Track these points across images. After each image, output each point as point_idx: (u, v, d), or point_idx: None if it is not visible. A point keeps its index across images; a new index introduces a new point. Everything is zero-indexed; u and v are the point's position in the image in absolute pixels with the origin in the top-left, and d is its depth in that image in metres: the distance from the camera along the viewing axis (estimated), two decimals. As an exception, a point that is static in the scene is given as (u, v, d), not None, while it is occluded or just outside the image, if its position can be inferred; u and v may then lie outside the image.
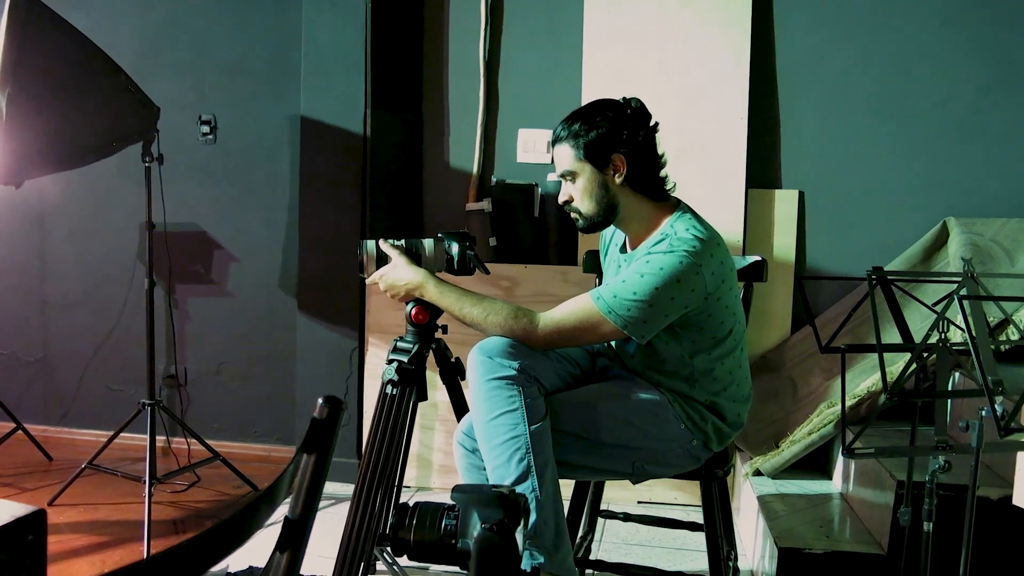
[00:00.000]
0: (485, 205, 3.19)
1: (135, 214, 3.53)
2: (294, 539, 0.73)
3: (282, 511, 0.85)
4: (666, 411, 1.93)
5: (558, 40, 3.29)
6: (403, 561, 2.42)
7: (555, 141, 1.93)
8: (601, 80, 3.16)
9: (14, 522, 0.76)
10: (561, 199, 1.98)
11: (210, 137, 3.47)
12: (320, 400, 0.80)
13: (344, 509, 3.00)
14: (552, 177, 3.21)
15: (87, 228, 3.63)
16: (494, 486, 1.03)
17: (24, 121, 2.39)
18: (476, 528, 1.00)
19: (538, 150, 3.32)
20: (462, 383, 2.18)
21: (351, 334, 3.21)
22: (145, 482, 2.76)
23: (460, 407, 2.17)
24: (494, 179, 3.28)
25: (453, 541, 1.03)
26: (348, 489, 3.19)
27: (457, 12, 3.36)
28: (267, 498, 0.72)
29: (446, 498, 1.07)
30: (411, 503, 1.07)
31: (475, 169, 3.35)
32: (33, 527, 0.85)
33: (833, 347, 1.80)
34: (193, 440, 3.25)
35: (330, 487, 3.21)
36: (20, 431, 3.43)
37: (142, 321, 3.51)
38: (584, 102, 3.08)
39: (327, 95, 3.19)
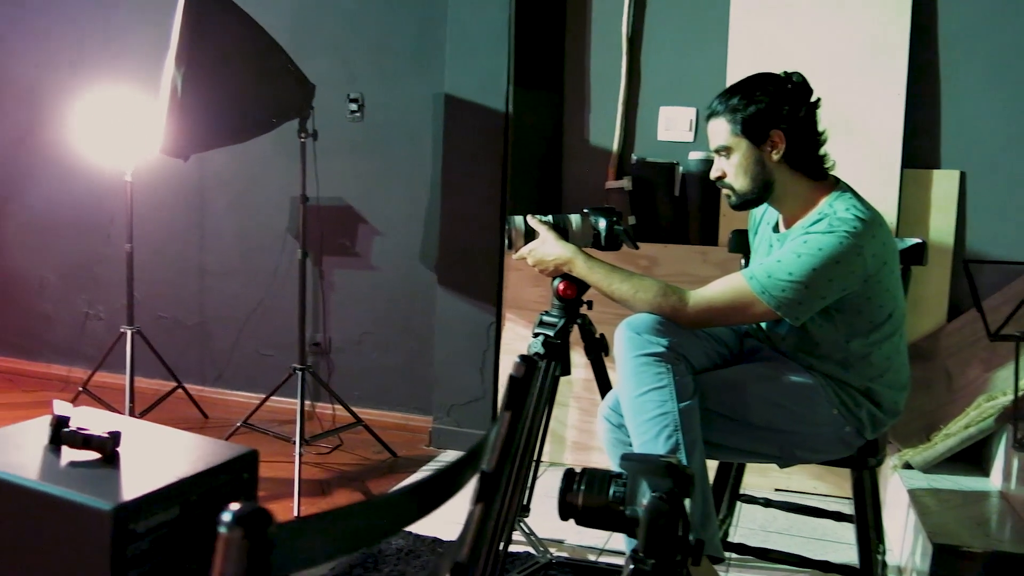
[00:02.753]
0: (625, 183, 3.17)
1: (286, 188, 3.71)
2: (489, 491, 0.76)
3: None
4: (818, 395, 1.88)
5: (703, 14, 3.22)
6: (542, 532, 2.46)
7: (710, 115, 1.90)
8: (747, 54, 3.07)
9: (233, 460, 0.83)
10: (714, 175, 1.94)
11: (357, 114, 3.59)
12: (517, 359, 0.83)
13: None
14: (693, 155, 3.16)
15: (243, 201, 3.83)
16: (660, 456, 1.03)
17: (196, 98, 2.55)
18: (645, 496, 1.01)
19: (679, 128, 3.27)
20: (606, 359, 2.19)
21: (489, 309, 3.26)
22: (295, 442, 2.91)
23: (603, 383, 2.18)
24: (634, 157, 3.26)
25: (621, 508, 1.04)
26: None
27: (601, -12, 3.34)
28: (471, 458, 0.74)
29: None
30: (578, 469, 1.09)
31: (615, 147, 3.33)
32: (248, 465, 0.93)
33: (1005, 335, 1.70)
34: (337, 406, 3.39)
35: (465, 457, 3.29)
36: (180, 390, 3.68)
37: (291, 290, 3.70)
38: (729, 78, 3.02)
39: (470, 72, 3.24)
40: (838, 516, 2.33)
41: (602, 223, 2.08)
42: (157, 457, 1.08)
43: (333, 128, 3.56)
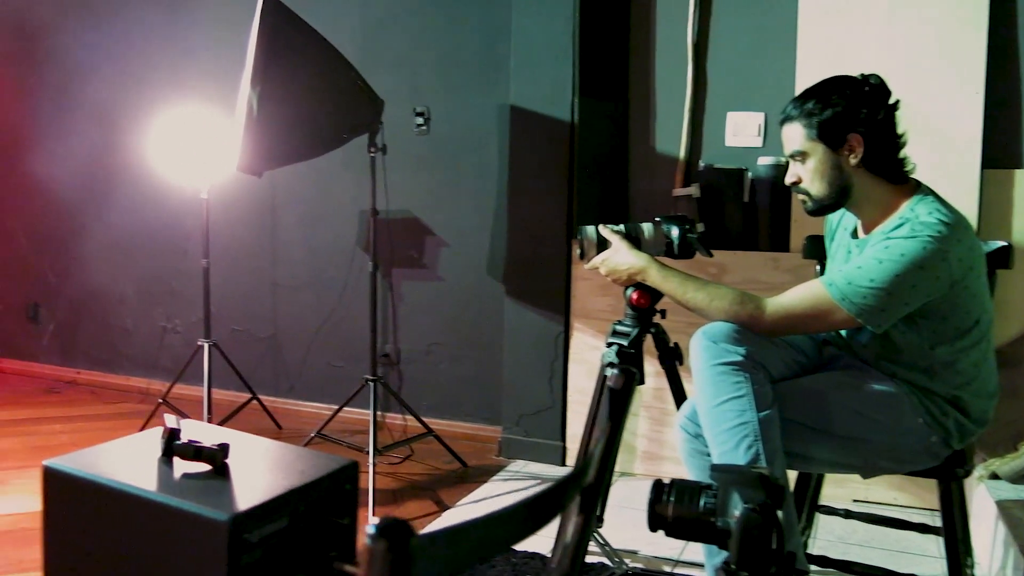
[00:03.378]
0: (693, 190, 3.14)
1: (355, 202, 3.78)
2: (589, 503, 0.76)
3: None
4: (902, 404, 1.83)
5: (770, 17, 3.18)
6: (616, 543, 2.45)
7: (785, 120, 1.88)
8: (817, 57, 3.02)
9: (336, 471, 0.86)
10: (788, 180, 1.92)
11: (424, 128, 3.64)
12: (615, 371, 0.83)
13: (550, 489, 3.08)
14: (763, 160, 3.12)
15: (313, 215, 3.91)
16: (752, 468, 1.02)
17: (271, 116, 2.61)
18: (737, 508, 1.00)
19: (747, 133, 3.23)
20: (680, 368, 2.17)
21: (557, 319, 3.26)
22: (369, 452, 2.95)
23: (678, 393, 2.17)
24: (702, 164, 3.23)
25: (712, 519, 1.03)
26: (550, 470, 3.27)
27: (665, -5, 3.33)
28: (577, 477, 0.75)
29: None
30: (666, 480, 1.08)
31: (682, 154, 3.31)
32: (350, 477, 0.95)
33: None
34: (408, 416, 3.43)
35: (535, 467, 3.29)
36: (255, 401, 3.77)
37: (360, 302, 3.76)
38: (798, 81, 2.97)
39: (535, 84, 3.26)
40: (923, 528, 2.27)
41: (675, 231, 2.07)
42: (263, 468, 1.12)
43: (400, 141, 3.61)
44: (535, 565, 2.36)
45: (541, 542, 2.35)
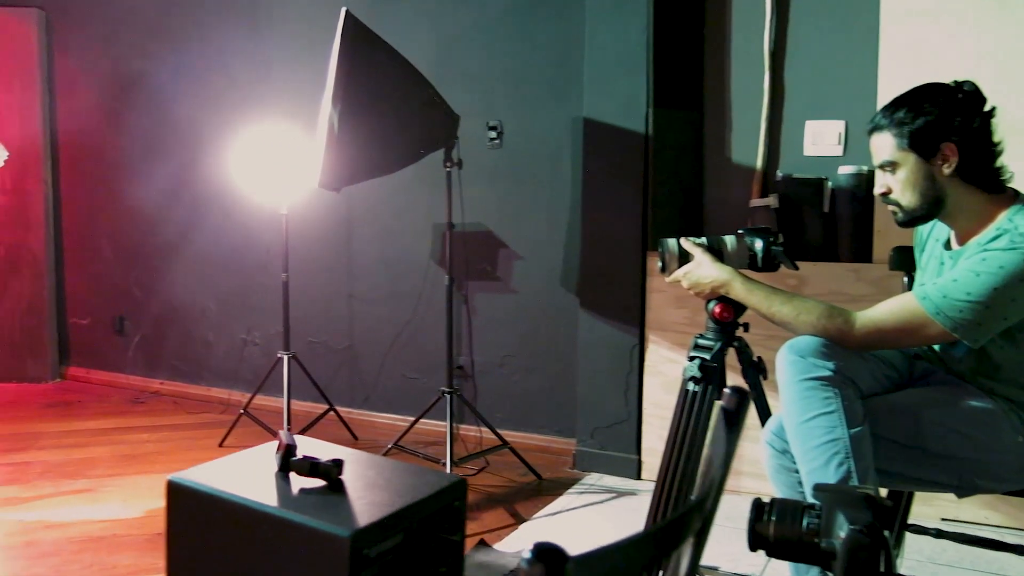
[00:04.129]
0: (771, 201, 3.09)
1: (428, 216, 3.82)
2: (704, 525, 0.76)
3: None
4: (1000, 421, 1.77)
5: (850, 23, 3.12)
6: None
7: (873, 129, 1.83)
8: (901, 62, 2.94)
9: (447, 488, 0.87)
10: (878, 191, 1.87)
11: (496, 142, 3.67)
12: (728, 390, 0.82)
13: (624, 503, 3.06)
14: (843, 170, 3.05)
15: (387, 229, 3.97)
16: (856, 487, 1.00)
17: (351, 133, 2.67)
18: (843, 529, 0.97)
19: (827, 142, 3.17)
20: (764, 383, 2.14)
21: (632, 331, 3.24)
22: (446, 464, 2.97)
23: (762, 408, 2.13)
24: (779, 174, 3.18)
25: (816, 540, 1.01)
26: (625, 483, 3.24)
27: (741, 3, 3.29)
28: (699, 506, 0.74)
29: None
30: (766, 499, 1.06)
31: (759, 164, 3.26)
32: (459, 494, 0.96)
33: None
34: (483, 428, 3.45)
35: (610, 481, 3.27)
36: (332, 412, 3.83)
37: (434, 315, 3.80)
38: (881, 88, 2.90)
39: (609, 96, 3.25)
40: (1019, 549, 2.18)
41: (758, 243, 2.04)
42: (377, 485, 1.14)
43: (473, 156, 3.64)
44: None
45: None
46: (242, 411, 3.74)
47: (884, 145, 1.81)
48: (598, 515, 2.96)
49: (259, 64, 4.22)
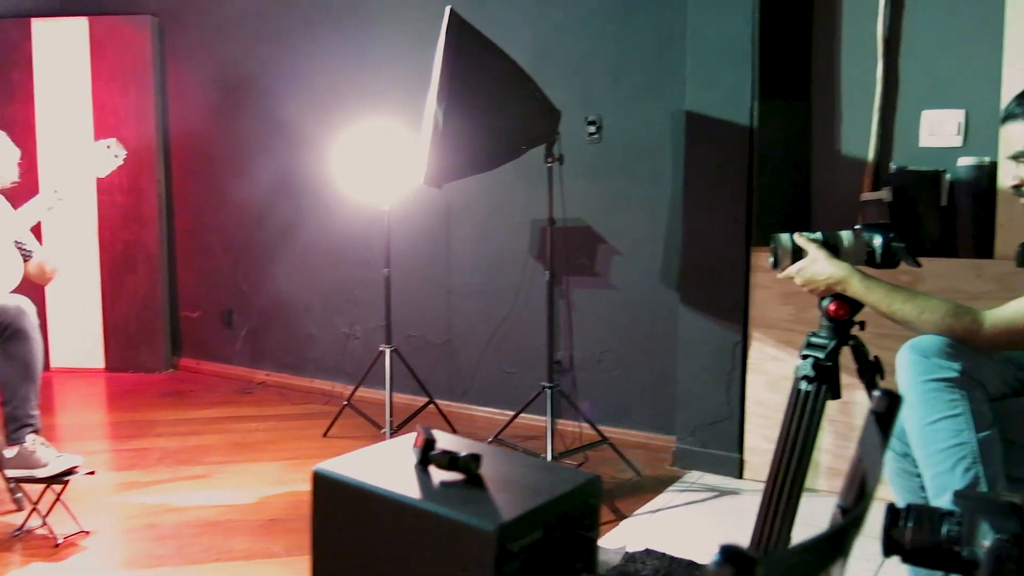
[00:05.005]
0: (884, 194, 2.98)
1: (526, 211, 3.84)
2: (852, 526, 0.73)
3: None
4: None
5: (972, 7, 2.97)
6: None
7: (1007, 118, 1.75)
8: (1027, 48, 2.79)
9: (583, 485, 0.87)
10: (1010, 182, 1.78)
11: (596, 136, 3.65)
12: (877, 393, 0.80)
13: (726, 503, 3.00)
14: (963, 161, 2.92)
15: (486, 225, 4.00)
16: (999, 494, 0.95)
17: (455, 130, 2.70)
18: (987, 537, 0.93)
19: (946, 133, 3.03)
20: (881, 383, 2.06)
21: (734, 328, 3.18)
22: (545, 459, 2.98)
23: (879, 408, 2.05)
24: (893, 166, 3.06)
25: (956, 548, 0.97)
26: (727, 482, 3.18)
27: (851, -10, 3.18)
28: (860, 517, 0.72)
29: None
30: (901, 504, 1.03)
31: (871, 156, 3.14)
32: (594, 491, 0.97)
33: None
34: (582, 423, 3.44)
35: (711, 479, 3.22)
36: (431, 405, 3.89)
37: (532, 310, 3.81)
38: (1006, 75, 2.76)
39: (712, 87, 3.19)
40: None
41: (877, 239, 1.97)
42: (515, 480, 1.15)
43: (571, 150, 3.63)
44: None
45: None
46: (345, 403, 3.84)
47: (1019, 135, 1.72)
48: (699, 514, 2.91)
49: (363, 63, 4.31)
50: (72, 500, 2.81)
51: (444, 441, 1.28)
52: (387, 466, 1.24)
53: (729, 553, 0.47)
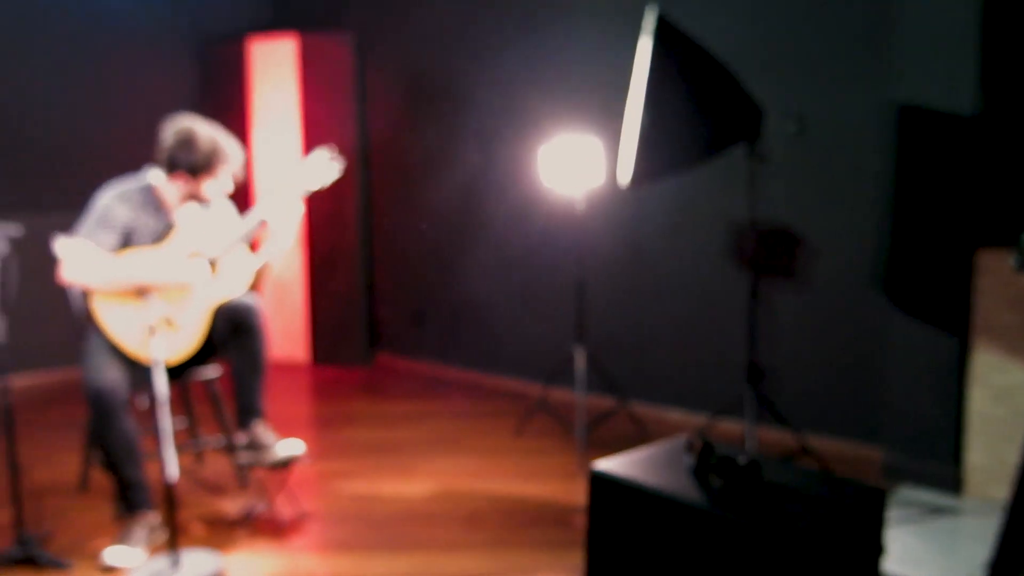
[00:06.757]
0: None
1: (720, 211, 3.75)
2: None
3: None
4: None
5: None
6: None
7: None
8: None
9: (866, 497, 0.85)
10: None
11: (797, 132, 3.51)
12: None
13: (943, 522, 2.80)
14: None
15: (677, 225, 3.94)
16: None
17: (659, 131, 2.68)
18: None
19: None
20: None
21: (953, 334, 2.97)
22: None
23: None
24: None
25: None
26: (943, 499, 2.96)
27: (1093, -36, 2.89)
28: None
29: None
30: None
31: (1117, 146, 2.84)
32: (880, 505, 0.94)
33: None
34: (783, 429, 3.32)
35: (924, 494, 3.02)
36: (622, 406, 3.88)
37: (726, 311, 3.72)
38: None
39: (929, 77, 2.99)
40: None
41: None
42: (788, 490, 1.14)
43: (772, 148, 3.52)
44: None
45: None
46: (537, 402, 3.90)
47: None
48: (912, 532, 2.73)
49: (555, 66, 4.35)
50: (293, 484, 3.03)
51: (719, 448, 1.27)
52: (663, 470, 1.24)
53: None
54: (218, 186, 2.86)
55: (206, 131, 2.82)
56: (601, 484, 1.17)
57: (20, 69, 4.74)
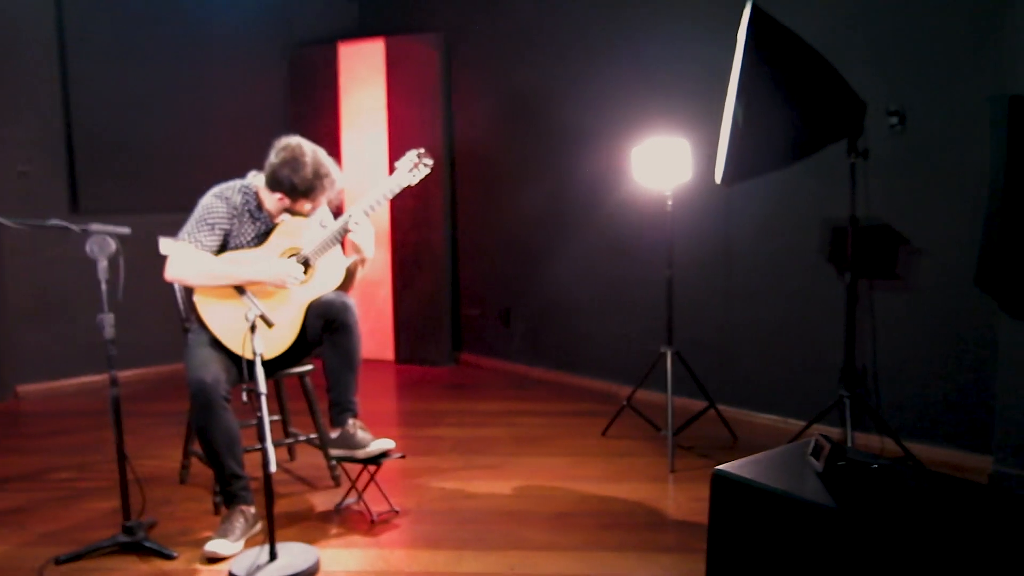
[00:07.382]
0: None
1: (814, 208, 3.64)
2: None
3: None
4: None
5: None
6: None
7: None
8: None
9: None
10: None
11: (898, 127, 3.38)
12: None
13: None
14: None
15: (770, 223, 3.84)
16: None
17: (756, 127, 2.62)
18: None
19: None
20: None
21: (1071, 338, 2.81)
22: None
23: None
24: None
25: None
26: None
27: None
28: None
29: None
30: None
31: None
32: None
33: None
34: (885, 437, 3.20)
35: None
36: (712, 409, 3.81)
37: (822, 313, 3.61)
38: None
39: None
40: None
41: None
42: (926, 497, 1.10)
43: (871, 143, 3.40)
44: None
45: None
46: (624, 403, 3.86)
47: None
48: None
49: (646, 64, 4.30)
50: (383, 481, 3.07)
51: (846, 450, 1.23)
52: (789, 471, 1.21)
53: None
54: (314, 208, 2.94)
55: (311, 157, 2.87)
56: (723, 485, 1.15)
57: (126, 76, 4.95)
